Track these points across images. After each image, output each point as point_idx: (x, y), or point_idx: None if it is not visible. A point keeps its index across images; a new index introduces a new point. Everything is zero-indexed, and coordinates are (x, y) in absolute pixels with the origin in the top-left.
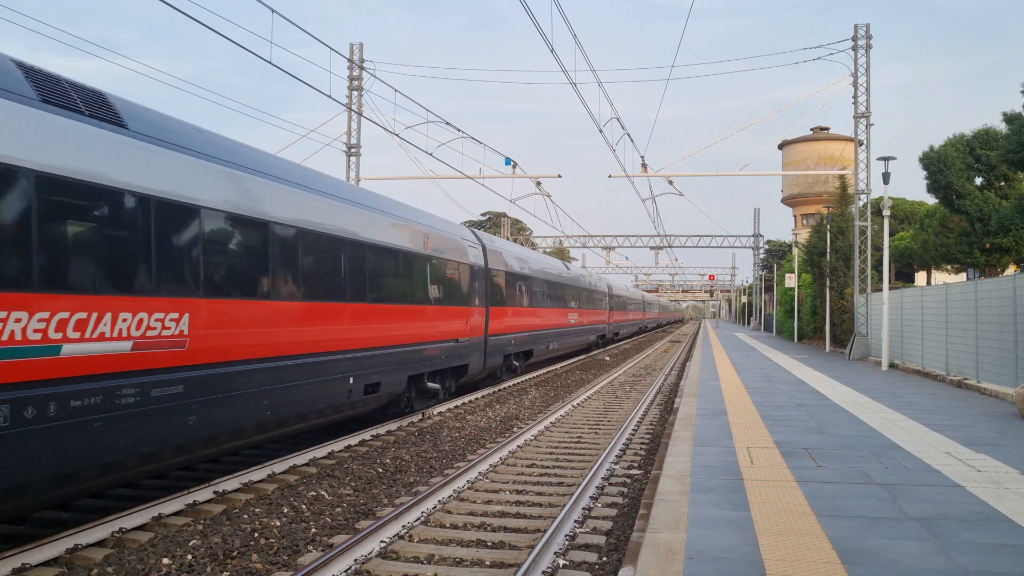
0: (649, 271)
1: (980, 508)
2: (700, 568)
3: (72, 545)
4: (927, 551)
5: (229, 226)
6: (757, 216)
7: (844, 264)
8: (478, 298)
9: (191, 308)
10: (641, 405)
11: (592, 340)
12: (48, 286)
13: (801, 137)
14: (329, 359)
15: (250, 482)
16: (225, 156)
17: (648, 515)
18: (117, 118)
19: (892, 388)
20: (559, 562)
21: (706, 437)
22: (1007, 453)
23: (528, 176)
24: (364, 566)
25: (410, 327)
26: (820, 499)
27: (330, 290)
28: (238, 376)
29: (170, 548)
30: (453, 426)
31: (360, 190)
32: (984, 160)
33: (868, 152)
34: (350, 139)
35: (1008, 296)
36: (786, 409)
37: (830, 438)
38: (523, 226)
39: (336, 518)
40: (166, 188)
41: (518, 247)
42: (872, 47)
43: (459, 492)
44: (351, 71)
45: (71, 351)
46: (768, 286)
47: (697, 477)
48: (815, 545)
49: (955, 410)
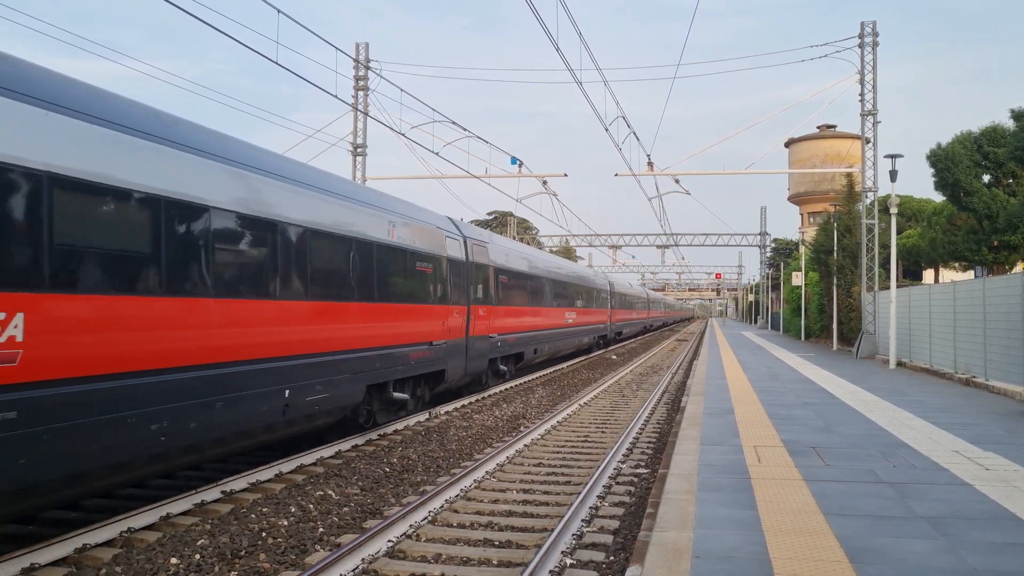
0: (656, 270)
1: (989, 507)
2: (707, 567)
3: (81, 545)
4: (935, 550)
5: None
6: (764, 214)
7: (851, 262)
8: (458, 296)
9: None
10: (648, 404)
11: (592, 341)
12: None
13: (808, 135)
14: (256, 368)
15: (258, 482)
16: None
17: (655, 514)
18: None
19: (900, 386)
20: (566, 561)
21: (713, 436)
22: (1016, 451)
23: (534, 175)
24: (371, 565)
25: (369, 328)
26: (828, 498)
27: (257, 285)
28: (115, 393)
29: (178, 548)
30: (460, 425)
31: (308, 167)
32: (992, 157)
33: (875, 150)
34: (356, 139)
35: (1016, 294)
36: (793, 408)
37: (838, 437)
38: (529, 225)
39: (343, 517)
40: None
41: (508, 240)
42: (879, 44)
43: (466, 491)
44: (357, 71)
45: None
46: (775, 284)
47: (704, 476)
48: (823, 544)
49: (963, 408)
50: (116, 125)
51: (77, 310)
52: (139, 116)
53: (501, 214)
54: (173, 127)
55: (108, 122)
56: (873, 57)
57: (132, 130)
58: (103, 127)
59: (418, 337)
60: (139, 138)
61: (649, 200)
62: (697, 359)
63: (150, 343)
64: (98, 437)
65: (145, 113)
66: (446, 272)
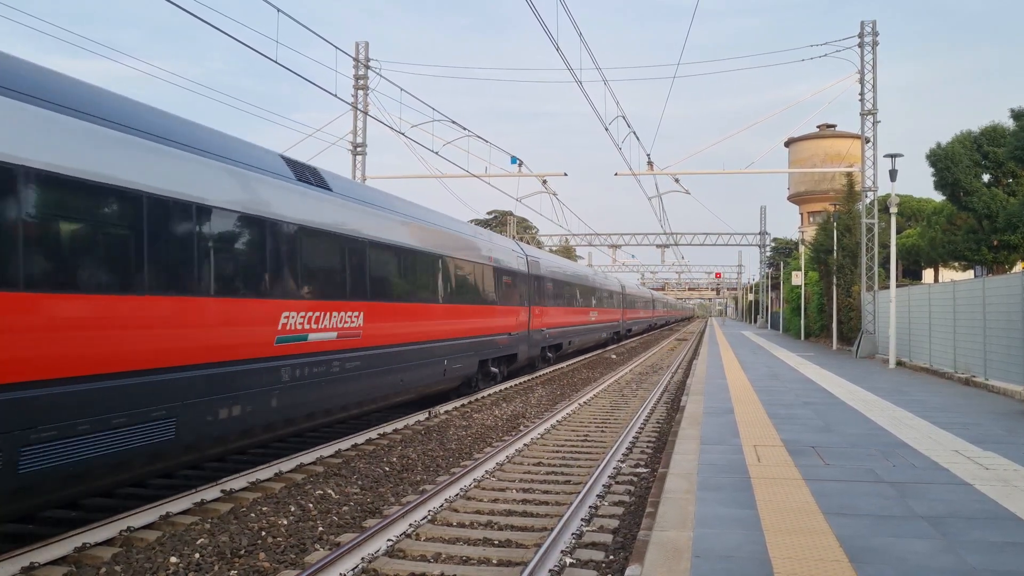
0: (655, 269)
1: (988, 506)
2: (707, 567)
3: (80, 544)
4: (935, 549)
5: (389, 254)
6: (763, 214)
7: (851, 261)
8: (524, 299)
9: (366, 309)
10: (648, 403)
11: (608, 336)
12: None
13: (807, 134)
14: (432, 345)
15: (257, 481)
16: (372, 199)
17: (655, 513)
18: (326, 184)
19: (899, 386)
20: (566, 560)
21: (713, 435)
22: (1016, 451)
23: (534, 175)
24: (371, 565)
25: (481, 322)
26: (828, 497)
27: (435, 295)
28: (391, 356)
29: (178, 547)
30: (459, 424)
31: (451, 219)
32: (991, 157)
33: (875, 149)
34: (356, 138)
35: (1016, 294)
36: (793, 407)
37: (838, 436)
38: (529, 224)
39: (343, 517)
40: (349, 229)
41: (550, 255)
42: (878, 44)
43: (466, 491)
44: (357, 70)
45: (313, 339)
46: (775, 284)
47: (704, 475)
48: (823, 544)
49: (963, 408)
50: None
51: (384, 311)
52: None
53: (501, 213)
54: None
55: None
56: (873, 57)
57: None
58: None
59: (503, 329)
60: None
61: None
62: (697, 358)
63: (409, 328)
64: (396, 375)
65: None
66: (517, 282)
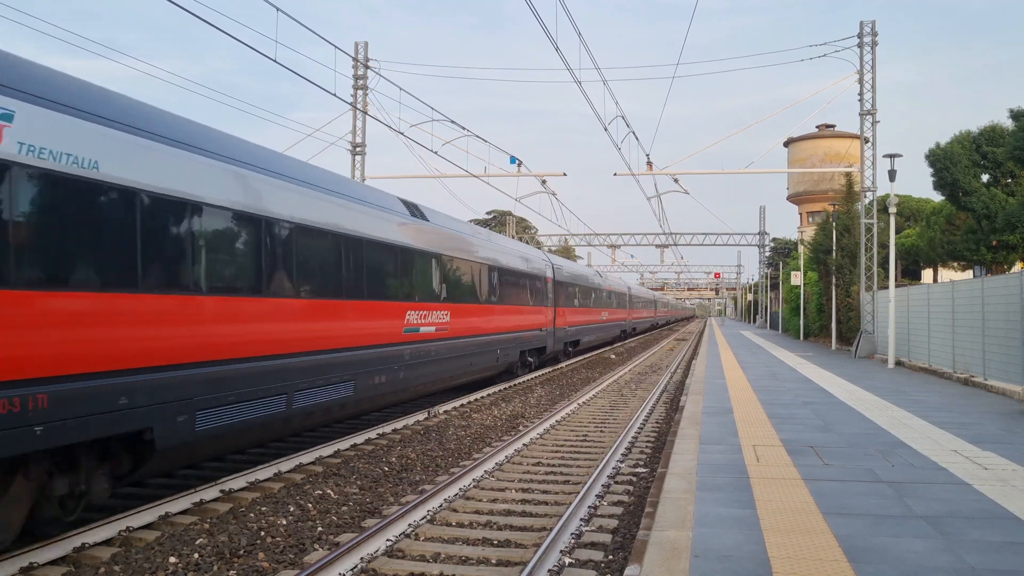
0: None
1: (987, 506)
2: (706, 566)
3: (79, 544)
4: (934, 549)
5: (464, 267)
6: (763, 214)
7: (850, 261)
8: (550, 301)
9: (451, 310)
10: (647, 403)
11: (617, 333)
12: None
13: (807, 134)
14: (489, 339)
15: (256, 481)
16: (458, 228)
17: (654, 513)
18: (423, 215)
19: (899, 386)
20: (565, 560)
21: (712, 435)
22: (1014, 451)
23: (533, 175)
24: (370, 564)
25: (523, 319)
26: (827, 497)
27: (490, 298)
28: (466, 345)
29: (177, 547)
30: (459, 424)
31: (497, 235)
32: (991, 157)
33: (874, 149)
34: (355, 138)
35: (1015, 293)
36: (792, 407)
37: (837, 436)
38: (528, 224)
39: (342, 517)
40: (441, 248)
41: (568, 261)
42: (878, 44)
43: (465, 491)
44: (356, 70)
45: (422, 331)
46: (774, 284)
47: (703, 475)
48: (822, 543)
49: (962, 408)
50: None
51: (462, 311)
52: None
53: (500, 213)
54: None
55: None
56: (872, 57)
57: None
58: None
59: (536, 325)
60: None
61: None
62: (696, 358)
63: (477, 324)
64: (467, 359)
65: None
66: (544, 286)
